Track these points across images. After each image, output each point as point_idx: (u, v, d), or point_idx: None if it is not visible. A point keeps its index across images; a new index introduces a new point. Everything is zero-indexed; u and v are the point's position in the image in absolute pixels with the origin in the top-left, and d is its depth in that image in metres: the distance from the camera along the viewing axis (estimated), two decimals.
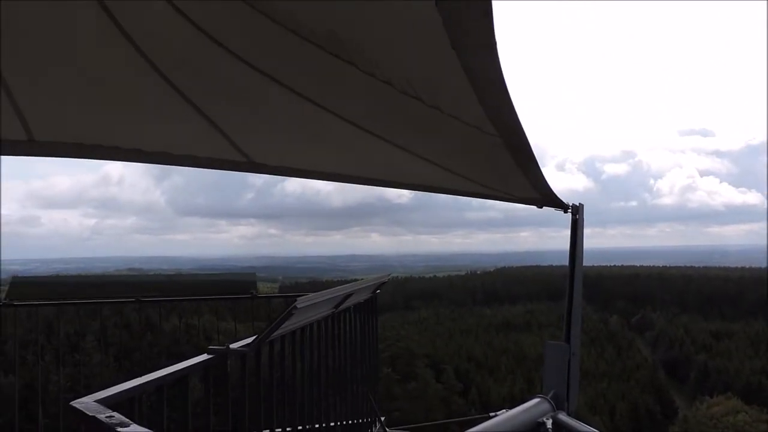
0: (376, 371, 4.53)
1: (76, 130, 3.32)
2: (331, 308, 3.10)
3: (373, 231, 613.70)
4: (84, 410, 1.19)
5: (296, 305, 2.16)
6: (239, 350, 2.20)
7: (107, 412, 1.17)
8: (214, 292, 3.92)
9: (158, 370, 1.72)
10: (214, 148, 3.58)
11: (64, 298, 4.29)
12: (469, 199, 32.98)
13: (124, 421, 1.10)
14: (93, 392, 2.50)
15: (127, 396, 1.44)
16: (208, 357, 2.02)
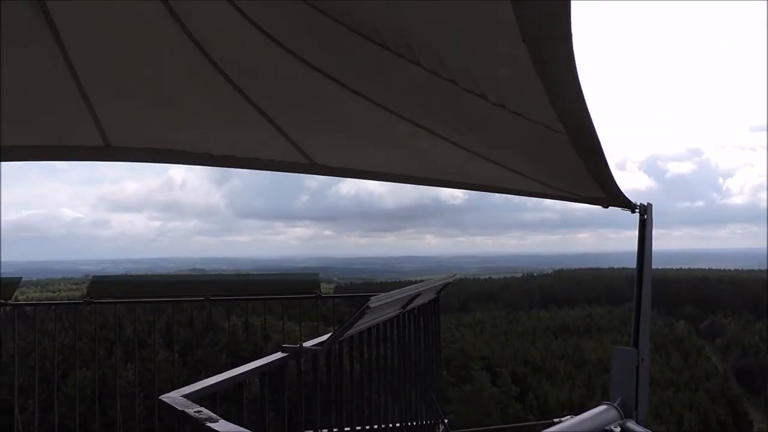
0: (439, 373, 4.50)
1: (148, 135, 3.47)
2: (399, 309, 3.10)
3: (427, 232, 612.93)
4: (173, 405, 1.23)
5: (369, 305, 2.17)
6: (312, 349, 2.23)
7: (195, 407, 1.21)
8: (277, 292, 4.01)
9: (237, 368, 1.76)
10: (278, 150, 3.65)
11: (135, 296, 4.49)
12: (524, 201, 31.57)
13: (212, 417, 1.13)
14: (160, 387, 2.54)
15: (210, 392, 1.48)
16: (283, 355, 2.05)
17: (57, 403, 4.51)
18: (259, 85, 3.07)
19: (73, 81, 2.85)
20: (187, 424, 1.23)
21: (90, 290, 3.81)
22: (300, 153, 3.62)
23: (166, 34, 2.64)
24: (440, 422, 4.06)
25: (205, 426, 1.10)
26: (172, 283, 4.34)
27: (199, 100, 3.18)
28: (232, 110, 3.22)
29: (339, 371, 2.55)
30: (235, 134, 3.58)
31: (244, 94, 3.04)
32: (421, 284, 3.36)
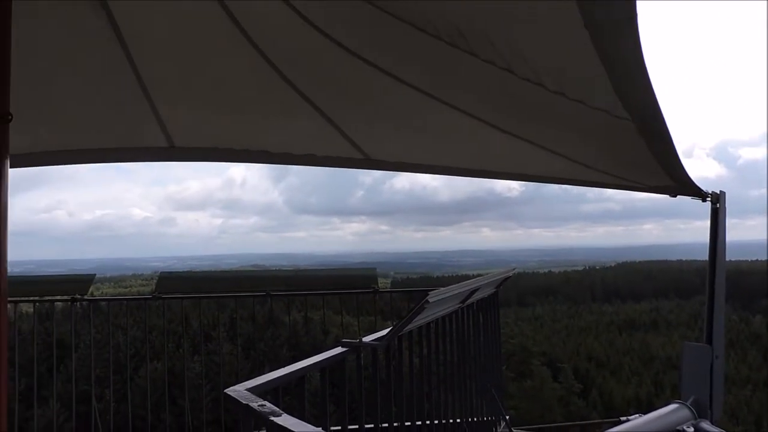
0: (500, 369, 4.43)
1: (209, 135, 3.57)
2: (458, 303, 3.06)
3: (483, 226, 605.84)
4: (238, 398, 1.26)
5: (428, 299, 2.15)
6: (371, 344, 2.24)
7: (259, 401, 1.23)
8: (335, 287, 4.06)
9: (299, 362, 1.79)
10: (334, 146, 3.67)
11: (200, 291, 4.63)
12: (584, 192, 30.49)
13: (276, 411, 1.15)
14: (224, 379, 2.60)
15: (273, 386, 1.51)
16: (343, 350, 2.07)
17: (130, 393, 4.75)
18: (314, 82, 3.10)
19: (138, 85, 2.97)
20: (251, 417, 1.25)
21: (158, 286, 3.97)
22: (356, 149, 3.64)
23: (224, 36, 2.71)
24: (501, 418, 3.99)
25: (269, 420, 1.12)
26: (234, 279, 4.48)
27: (257, 99, 3.25)
28: (288, 108, 3.27)
29: (398, 366, 2.54)
30: (292, 132, 3.64)
31: (299, 91, 3.08)
32: (481, 278, 3.30)
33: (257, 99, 3.25)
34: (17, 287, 4.16)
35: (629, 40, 1.60)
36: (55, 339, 4.37)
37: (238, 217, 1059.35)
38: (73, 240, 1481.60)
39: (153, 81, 2.99)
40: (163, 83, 3.04)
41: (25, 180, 56.64)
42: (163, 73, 2.97)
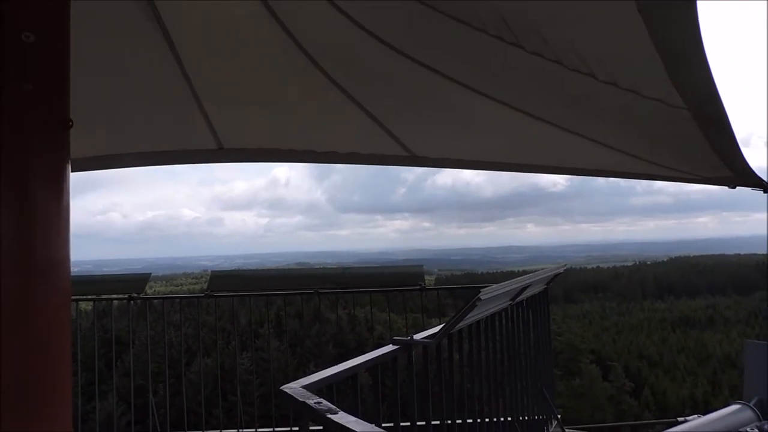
0: (550, 368, 4.34)
1: (256, 136, 3.64)
2: (508, 300, 3.02)
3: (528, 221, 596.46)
4: (294, 395, 1.27)
5: (480, 297, 2.13)
6: (423, 341, 2.23)
7: (315, 398, 1.25)
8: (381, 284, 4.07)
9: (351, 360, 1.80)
10: (378, 144, 3.68)
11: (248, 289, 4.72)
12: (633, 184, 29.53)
13: (332, 408, 1.15)
14: (273, 375, 2.61)
15: (327, 383, 1.52)
16: (394, 348, 2.07)
17: (184, 387, 4.89)
18: (358, 80, 3.11)
19: (188, 88, 3.05)
20: (307, 415, 1.26)
21: (210, 285, 4.08)
22: (399, 145, 3.63)
23: (269, 37, 2.74)
24: (553, 417, 3.91)
25: (326, 417, 1.13)
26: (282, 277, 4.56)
27: (302, 99, 3.29)
28: (333, 107, 3.29)
29: (449, 364, 2.52)
30: (337, 130, 3.66)
31: (344, 90, 3.10)
32: (531, 275, 3.24)
33: (302, 99, 3.29)
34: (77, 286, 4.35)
35: (687, 24, 1.53)
36: (114, 336, 4.55)
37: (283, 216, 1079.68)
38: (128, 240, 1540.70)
39: (202, 84, 3.07)
40: (211, 86, 3.11)
41: (83, 184, 59.61)
42: (212, 75, 3.04)
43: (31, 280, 1.71)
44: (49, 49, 1.77)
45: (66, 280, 1.81)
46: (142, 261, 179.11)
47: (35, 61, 1.75)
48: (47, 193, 1.76)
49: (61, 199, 1.79)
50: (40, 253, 1.72)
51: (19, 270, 1.70)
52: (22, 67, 1.72)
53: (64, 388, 1.79)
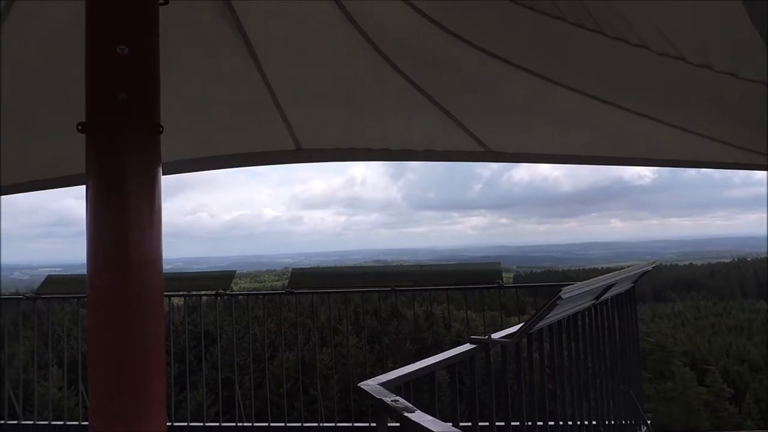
0: (639, 371, 4.11)
1: (333, 136, 3.70)
2: (592, 299, 2.89)
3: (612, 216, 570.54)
4: (371, 392, 1.28)
5: (561, 295, 2.05)
6: (501, 341, 2.17)
7: (392, 396, 1.25)
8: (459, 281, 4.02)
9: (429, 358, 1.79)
10: (453, 140, 3.64)
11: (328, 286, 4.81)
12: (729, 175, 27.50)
13: (409, 407, 1.15)
14: (351, 370, 2.63)
15: (404, 381, 1.52)
16: (472, 347, 2.03)
17: (267, 380, 5.07)
18: (432, 76, 3.09)
19: (267, 90, 3.15)
20: (384, 412, 1.26)
21: (291, 282, 4.21)
22: (476, 141, 3.57)
23: (342, 36, 2.78)
24: (642, 423, 3.70)
25: (403, 415, 1.13)
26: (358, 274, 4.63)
27: (377, 97, 3.31)
28: (408, 105, 3.29)
29: (528, 364, 2.45)
30: (412, 128, 3.66)
31: (417, 86, 3.09)
32: (617, 273, 3.07)
33: (377, 97, 3.31)
34: (169, 283, 4.61)
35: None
36: (203, 330, 4.80)
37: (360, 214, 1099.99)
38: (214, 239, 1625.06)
39: (280, 86, 3.16)
40: (289, 88, 3.20)
41: (173, 186, 64.13)
42: (289, 77, 3.12)
43: (128, 278, 1.83)
44: (141, 59, 1.89)
45: (159, 277, 1.92)
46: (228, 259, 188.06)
47: (129, 71, 1.87)
48: (141, 195, 1.87)
49: (153, 201, 1.91)
50: (135, 252, 1.83)
51: (117, 268, 1.82)
52: (118, 77, 1.85)
53: (159, 378, 1.91)
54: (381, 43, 2.81)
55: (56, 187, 4.05)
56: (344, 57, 2.97)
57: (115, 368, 1.81)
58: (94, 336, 1.82)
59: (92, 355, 1.83)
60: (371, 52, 2.84)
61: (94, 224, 1.83)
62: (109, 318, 1.82)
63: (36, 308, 4.81)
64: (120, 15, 1.88)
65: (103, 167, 1.84)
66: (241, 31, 2.75)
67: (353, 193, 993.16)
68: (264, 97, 3.21)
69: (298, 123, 3.53)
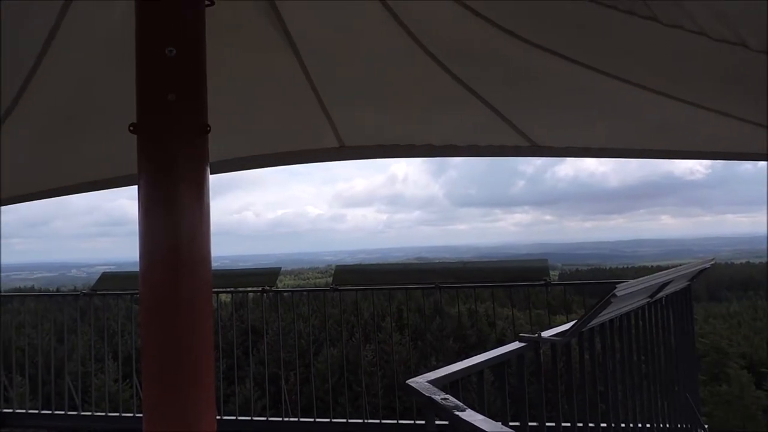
0: (695, 373, 3.94)
1: (376, 132, 3.70)
2: (646, 297, 2.78)
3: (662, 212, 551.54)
4: (420, 390, 1.27)
5: (615, 293, 1.98)
6: (551, 339, 2.12)
7: (441, 394, 1.23)
8: (503, 278, 3.95)
9: (476, 356, 1.76)
10: (497, 135, 3.58)
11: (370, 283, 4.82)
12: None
13: (459, 405, 1.13)
14: (395, 367, 2.60)
15: (452, 379, 1.50)
16: (521, 345, 1.99)
17: (312, 376, 5.13)
18: (475, 69, 3.04)
19: (311, 88, 3.17)
20: (433, 410, 1.25)
21: (335, 279, 4.24)
22: (521, 136, 3.50)
23: (383, 31, 2.77)
24: (698, 427, 3.55)
25: (453, 414, 1.10)
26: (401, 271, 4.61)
27: (420, 93, 3.28)
28: (451, 99, 3.25)
29: (579, 364, 2.37)
30: (455, 123, 3.62)
31: (460, 80, 3.04)
32: (673, 270, 2.94)
33: (420, 93, 3.28)
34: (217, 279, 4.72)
35: None
36: (249, 325, 4.89)
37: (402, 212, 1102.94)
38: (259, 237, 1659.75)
39: (323, 84, 3.17)
40: (332, 85, 3.21)
41: (220, 185, 66.20)
42: (332, 74, 3.13)
43: (179, 275, 1.88)
44: (188, 60, 1.93)
45: (208, 274, 1.96)
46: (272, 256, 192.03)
47: (177, 72, 1.91)
48: (190, 194, 1.91)
49: (202, 200, 1.95)
50: (185, 250, 1.88)
51: (168, 266, 1.87)
52: (166, 79, 1.89)
53: (208, 372, 1.95)
54: (424, 38, 2.78)
55: (110, 187, 4.19)
56: (387, 53, 2.96)
57: (168, 362, 1.86)
58: (147, 331, 1.88)
59: (146, 349, 1.88)
60: (415, 48, 2.82)
61: (146, 223, 1.89)
62: (161, 314, 1.87)
63: (93, 304, 5.01)
64: (168, 17, 1.93)
65: (154, 167, 1.90)
66: (285, 30, 2.78)
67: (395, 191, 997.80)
68: (308, 95, 3.23)
69: (341, 120, 3.54)
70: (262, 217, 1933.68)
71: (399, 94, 3.31)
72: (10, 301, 5.53)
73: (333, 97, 3.30)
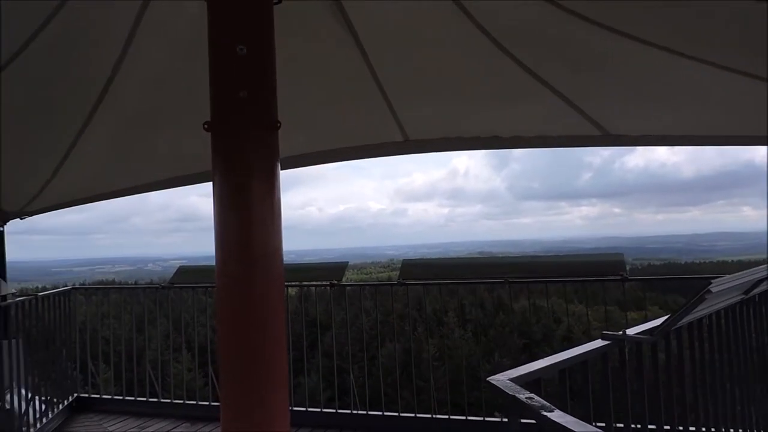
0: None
1: (440, 125, 3.65)
2: (740, 294, 2.59)
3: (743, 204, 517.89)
4: (503, 388, 1.23)
5: (710, 288, 1.85)
6: (638, 338, 2.01)
7: (526, 393, 1.19)
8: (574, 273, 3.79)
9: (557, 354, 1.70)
10: (567, 124, 3.45)
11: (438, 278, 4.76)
12: None
13: (546, 405, 1.08)
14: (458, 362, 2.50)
15: (534, 377, 1.45)
16: (604, 343, 1.89)
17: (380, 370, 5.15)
18: (544, 57, 2.93)
19: (375, 83, 3.17)
20: (518, 409, 1.20)
21: (402, 272, 4.24)
22: (593, 125, 3.35)
23: (448, 21, 2.71)
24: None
25: (540, 414, 1.06)
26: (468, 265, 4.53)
27: (486, 83, 3.21)
28: (518, 89, 3.16)
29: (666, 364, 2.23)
30: (523, 114, 3.51)
31: (528, 68, 2.95)
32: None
33: (486, 84, 3.21)
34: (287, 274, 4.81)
35: None
36: (318, 320, 4.97)
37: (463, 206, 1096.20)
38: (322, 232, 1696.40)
39: (388, 78, 3.16)
40: (396, 79, 3.19)
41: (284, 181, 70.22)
42: (396, 68, 3.11)
43: (252, 269, 1.92)
44: (258, 58, 1.96)
45: (280, 268, 1.99)
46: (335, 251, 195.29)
47: (248, 70, 1.94)
48: (262, 189, 1.95)
49: (273, 195, 1.98)
50: (257, 244, 1.91)
51: (242, 259, 1.91)
52: (238, 76, 1.93)
53: (282, 370, 1.98)
54: (490, 26, 2.71)
55: (184, 184, 4.37)
56: (452, 44, 2.91)
57: (244, 351, 1.90)
58: (223, 321, 1.93)
59: (222, 345, 1.93)
60: (480, 37, 2.75)
61: (221, 218, 1.93)
62: (237, 305, 1.92)
63: (169, 296, 5.25)
64: (238, 16, 1.96)
65: (228, 164, 1.94)
66: (350, 26, 2.78)
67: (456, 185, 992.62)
68: (372, 91, 3.23)
69: (406, 114, 3.52)
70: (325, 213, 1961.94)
71: (464, 85, 3.25)
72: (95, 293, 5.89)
73: (397, 91, 3.28)
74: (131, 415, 4.99)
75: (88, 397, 5.24)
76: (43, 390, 4.58)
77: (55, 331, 4.76)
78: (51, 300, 4.74)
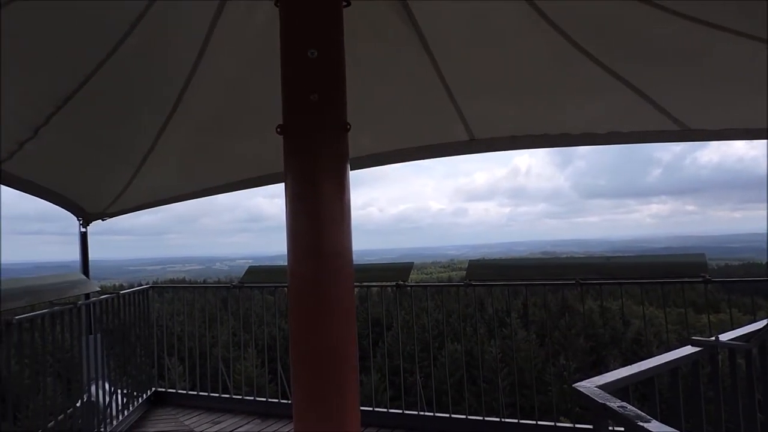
0: None
1: (508, 123, 3.58)
2: None
3: None
4: (593, 396, 1.18)
5: None
6: (731, 344, 1.88)
7: (617, 401, 1.13)
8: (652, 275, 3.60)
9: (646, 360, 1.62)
10: (641, 119, 3.30)
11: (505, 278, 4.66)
12: None
13: (642, 415, 1.03)
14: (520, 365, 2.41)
15: (623, 384, 1.39)
16: (695, 350, 1.79)
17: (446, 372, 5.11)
18: (616, 50, 2.81)
19: (442, 83, 3.14)
20: (607, 418, 1.15)
21: (468, 273, 4.17)
22: (670, 119, 3.19)
23: (520, 22, 2.65)
24: None
25: (636, 424, 1.01)
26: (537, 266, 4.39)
27: (555, 80, 3.12)
28: (590, 85, 3.05)
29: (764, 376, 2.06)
30: (594, 110, 3.39)
31: (599, 62, 2.84)
32: None
33: (555, 80, 3.12)
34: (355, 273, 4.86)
35: None
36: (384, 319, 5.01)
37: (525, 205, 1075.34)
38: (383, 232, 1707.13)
39: (453, 77, 3.13)
40: (462, 78, 3.15)
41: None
42: (462, 68, 3.08)
43: (322, 267, 1.94)
44: (328, 61, 1.99)
45: (350, 267, 2.01)
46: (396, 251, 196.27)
47: (319, 73, 1.97)
48: (332, 190, 1.97)
49: (343, 196, 2.00)
50: (327, 243, 1.94)
51: (312, 258, 1.94)
52: (309, 80, 1.96)
53: (352, 361, 2.00)
54: (559, 19, 2.63)
55: (255, 186, 4.50)
56: (520, 40, 2.84)
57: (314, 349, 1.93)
58: (296, 320, 1.96)
59: (294, 338, 1.97)
60: (549, 31, 2.67)
61: (293, 218, 1.97)
62: (310, 305, 1.95)
63: (237, 295, 5.41)
64: (309, 20, 1.99)
65: (300, 165, 1.97)
66: (416, 26, 2.77)
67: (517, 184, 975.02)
68: (438, 91, 3.21)
69: (472, 113, 3.48)
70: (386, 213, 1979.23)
71: (532, 82, 3.17)
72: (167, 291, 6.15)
73: (463, 90, 3.25)
74: (204, 410, 5.18)
75: (165, 392, 5.48)
76: (124, 383, 4.82)
77: (132, 327, 5.00)
78: (129, 297, 4.98)
